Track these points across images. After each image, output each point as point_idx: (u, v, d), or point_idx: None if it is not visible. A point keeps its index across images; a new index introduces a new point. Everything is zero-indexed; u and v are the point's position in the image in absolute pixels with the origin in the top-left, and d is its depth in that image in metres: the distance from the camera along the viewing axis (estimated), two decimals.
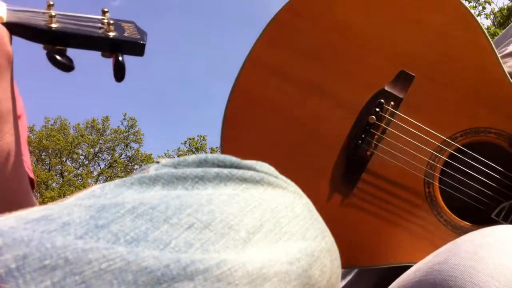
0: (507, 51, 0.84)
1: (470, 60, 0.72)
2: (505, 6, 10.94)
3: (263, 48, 0.73)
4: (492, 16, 11.29)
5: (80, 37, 0.50)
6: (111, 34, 0.51)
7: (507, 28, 0.96)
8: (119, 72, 0.52)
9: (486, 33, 0.71)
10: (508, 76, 0.71)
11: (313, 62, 0.73)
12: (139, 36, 0.53)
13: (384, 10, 0.72)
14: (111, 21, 0.52)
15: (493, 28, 10.68)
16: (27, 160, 0.69)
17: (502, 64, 0.72)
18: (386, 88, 0.72)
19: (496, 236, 0.46)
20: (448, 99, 0.72)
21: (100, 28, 0.52)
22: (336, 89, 0.73)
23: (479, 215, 0.75)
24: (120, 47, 0.52)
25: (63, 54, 0.49)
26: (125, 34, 0.53)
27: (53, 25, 0.49)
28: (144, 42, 0.53)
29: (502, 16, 11.05)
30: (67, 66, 0.49)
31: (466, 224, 0.73)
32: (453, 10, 0.71)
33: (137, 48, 0.53)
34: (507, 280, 0.40)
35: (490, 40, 0.72)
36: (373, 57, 0.73)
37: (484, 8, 11.11)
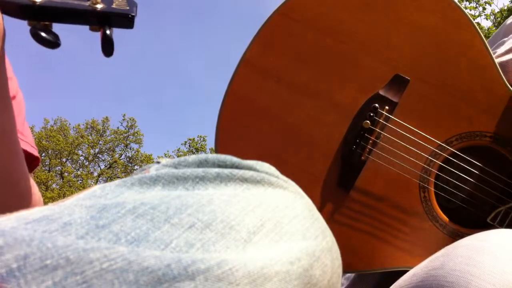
0: (497, 53, 0.84)
1: (465, 62, 0.71)
2: (505, 7, 10.93)
3: (256, 51, 0.73)
4: (492, 17, 11.29)
5: (66, 11, 0.47)
6: (99, 6, 0.49)
7: (497, 30, 0.95)
8: (107, 46, 0.49)
9: (482, 34, 0.71)
10: (504, 78, 0.71)
11: (306, 66, 0.73)
12: (128, 8, 0.51)
13: (377, 13, 0.72)
14: None
15: (494, 29, 10.67)
16: (30, 139, 0.69)
17: (497, 66, 0.71)
18: (381, 92, 0.72)
19: (492, 241, 0.46)
20: (443, 102, 0.72)
21: (86, 0, 0.49)
22: (330, 92, 0.73)
23: (475, 220, 0.75)
24: (108, 20, 0.49)
25: (48, 30, 0.47)
26: (114, 6, 0.50)
27: (37, 0, 0.46)
28: (133, 14, 0.50)
29: (502, 17, 11.05)
30: (52, 43, 0.46)
31: (462, 228, 0.73)
32: (447, 12, 0.71)
33: (126, 20, 0.50)
34: (503, 285, 0.40)
35: (486, 41, 0.71)
36: (367, 60, 0.72)
37: (484, 9, 11.11)
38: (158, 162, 0.36)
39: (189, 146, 20.31)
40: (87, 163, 20.37)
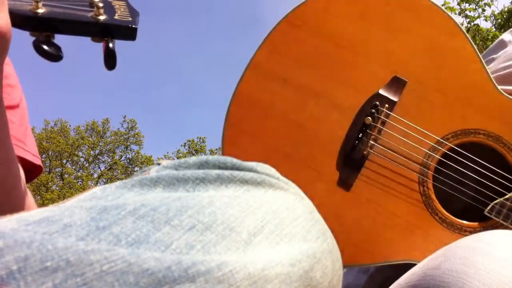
0: (492, 69, 0.89)
1: (457, 66, 0.76)
2: (506, 9, 10.94)
3: (263, 56, 0.78)
4: (492, 18, 11.29)
5: (68, 22, 0.47)
6: (101, 18, 0.48)
7: (490, 46, 1.00)
8: (110, 60, 0.49)
9: (472, 41, 0.76)
10: (494, 81, 0.76)
11: (310, 69, 0.78)
12: (130, 19, 0.50)
13: (375, 22, 0.77)
14: (101, 4, 0.49)
15: (494, 30, 10.67)
16: (32, 148, 0.69)
17: (487, 70, 0.76)
18: (381, 92, 0.76)
19: (489, 242, 0.46)
20: (438, 102, 0.77)
21: (89, 11, 0.49)
22: (333, 93, 0.78)
23: (474, 213, 0.78)
24: (111, 32, 0.49)
25: (50, 42, 0.46)
26: (116, 17, 0.50)
27: (39, 10, 0.46)
28: (135, 26, 0.50)
29: (502, 18, 11.05)
30: (54, 56, 0.46)
31: (461, 222, 0.76)
32: (440, 22, 0.76)
33: (128, 32, 0.50)
34: (498, 286, 0.40)
35: (476, 47, 0.77)
36: (367, 63, 0.77)
37: (484, 10, 11.11)
38: (159, 164, 0.36)
39: (189, 147, 20.32)
40: (87, 164, 20.38)
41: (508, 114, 0.75)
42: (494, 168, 0.76)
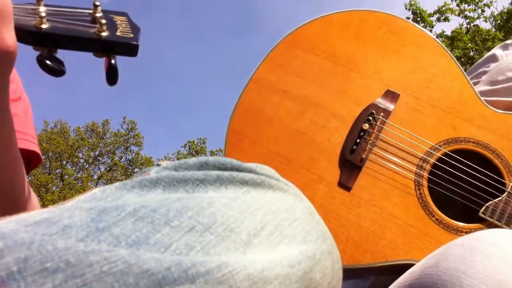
0: (486, 81, 0.95)
1: (445, 82, 0.84)
2: (505, 10, 10.94)
3: (265, 70, 0.86)
4: (491, 19, 11.29)
5: (71, 38, 0.48)
6: (104, 34, 0.49)
7: (480, 60, 1.06)
8: (112, 76, 0.49)
9: (456, 60, 0.86)
10: (478, 94, 0.84)
11: (309, 82, 0.85)
12: (132, 35, 0.51)
13: (368, 42, 0.87)
14: (103, 20, 0.49)
15: (494, 31, 10.67)
16: (34, 138, 0.70)
17: (472, 84, 0.84)
18: (376, 102, 0.83)
19: (485, 240, 0.46)
20: (429, 114, 0.84)
21: (91, 27, 0.49)
22: (330, 103, 0.85)
23: (469, 214, 0.80)
24: (113, 48, 0.50)
25: (53, 57, 0.47)
26: (118, 33, 0.50)
27: (43, 26, 0.46)
28: (137, 43, 0.51)
29: (501, 19, 11.06)
30: (57, 71, 0.47)
31: (456, 223, 0.79)
32: (427, 44, 0.86)
33: (130, 49, 0.51)
34: (495, 284, 0.40)
35: (460, 65, 0.85)
36: (362, 78, 0.85)
37: (483, 11, 11.11)
38: (159, 165, 0.36)
39: (189, 148, 20.32)
40: (87, 165, 20.37)
41: (493, 124, 0.82)
42: (486, 172, 0.79)
